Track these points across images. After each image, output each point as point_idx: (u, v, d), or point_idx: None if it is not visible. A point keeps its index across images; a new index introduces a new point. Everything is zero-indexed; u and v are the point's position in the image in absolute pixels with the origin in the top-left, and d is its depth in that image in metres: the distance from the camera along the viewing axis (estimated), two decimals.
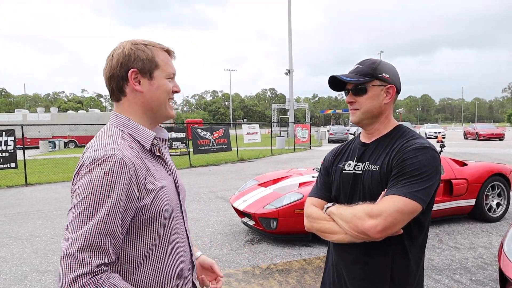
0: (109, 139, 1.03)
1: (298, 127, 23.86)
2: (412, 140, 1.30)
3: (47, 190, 9.63)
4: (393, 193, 1.19)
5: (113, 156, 0.96)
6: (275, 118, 51.72)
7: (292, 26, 32.72)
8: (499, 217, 5.76)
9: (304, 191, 4.79)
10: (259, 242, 4.96)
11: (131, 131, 1.10)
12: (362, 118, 1.38)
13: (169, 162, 1.21)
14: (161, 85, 1.12)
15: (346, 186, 1.39)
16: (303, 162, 14.81)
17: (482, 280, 3.65)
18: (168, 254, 1.10)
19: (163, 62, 1.13)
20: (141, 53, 1.09)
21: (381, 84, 1.35)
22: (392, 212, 1.16)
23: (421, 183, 1.20)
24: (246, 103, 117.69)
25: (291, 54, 32.73)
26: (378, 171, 1.31)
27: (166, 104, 1.15)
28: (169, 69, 1.14)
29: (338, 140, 28.92)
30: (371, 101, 1.35)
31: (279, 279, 3.76)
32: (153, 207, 1.04)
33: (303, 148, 22.75)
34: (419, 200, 1.18)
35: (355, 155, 1.43)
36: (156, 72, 1.11)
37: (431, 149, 1.26)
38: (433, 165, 1.23)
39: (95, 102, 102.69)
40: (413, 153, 1.24)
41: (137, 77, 1.09)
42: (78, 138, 28.96)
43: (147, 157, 1.09)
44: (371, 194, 1.30)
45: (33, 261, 4.44)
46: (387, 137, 1.38)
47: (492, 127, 31.46)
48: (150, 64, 1.10)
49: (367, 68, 1.35)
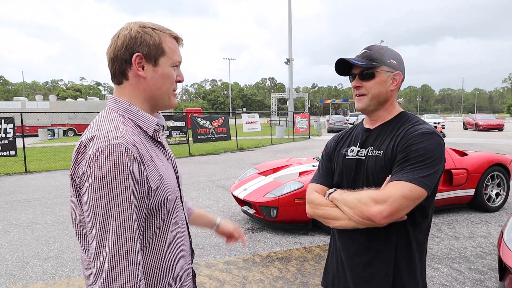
0: (110, 125, 0.98)
1: (298, 116, 23.81)
2: (417, 126, 1.29)
3: (46, 178, 9.64)
4: (399, 179, 1.19)
5: (118, 145, 0.91)
6: (274, 108, 51.57)
7: (292, 15, 32.42)
8: (498, 207, 5.79)
9: (305, 180, 4.80)
10: (259, 230, 4.99)
11: (132, 116, 1.06)
12: (369, 104, 1.36)
13: (168, 149, 1.19)
14: (165, 73, 1.08)
15: (349, 172, 1.39)
16: (302, 151, 14.82)
17: (481, 269, 3.68)
18: (168, 242, 1.08)
19: (170, 49, 1.08)
20: (148, 37, 1.04)
21: (388, 70, 1.33)
22: (398, 197, 1.16)
23: (427, 169, 1.19)
24: (245, 92, 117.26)
25: (291, 43, 32.48)
26: (382, 156, 1.30)
27: (170, 93, 1.11)
28: (176, 57, 1.10)
29: (338, 130, 28.89)
30: (379, 86, 1.33)
31: (279, 267, 3.79)
32: (158, 196, 1.01)
33: (303, 137, 22.74)
34: (424, 186, 1.18)
35: (358, 140, 1.42)
36: (162, 59, 1.07)
37: (436, 135, 1.25)
38: (438, 151, 1.22)
39: (94, 90, 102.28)
40: (418, 138, 1.23)
41: (141, 62, 1.04)
42: (77, 126, 28.93)
43: (149, 143, 1.06)
44: (374, 179, 1.29)
45: (35, 248, 4.46)
46: (391, 122, 1.37)
47: (492, 117, 31.40)
48: (156, 50, 1.05)
49: (375, 53, 1.34)
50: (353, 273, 1.35)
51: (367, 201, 1.20)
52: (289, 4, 32.09)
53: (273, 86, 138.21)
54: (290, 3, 32.08)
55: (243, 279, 3.50)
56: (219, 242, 4.55)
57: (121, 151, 0.91)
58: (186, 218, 1.22)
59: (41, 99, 33.24)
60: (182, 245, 1.14)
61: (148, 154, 1.01)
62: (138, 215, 0.95)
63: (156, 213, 1.03)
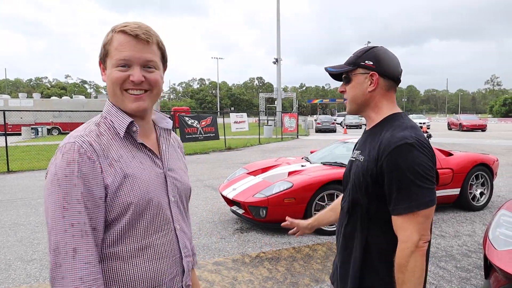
0: (83, 125, 1.04)
1: (286, 116, 23.86)
2: (397, 134, 1.21)
3: (30, 178, 9.43)
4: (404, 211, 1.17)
5: (73, 143, 0.95)
6: (262, 107, 51.63)
7: (280, 15, 32.50)
8: (482, 206, 5.90)
9: (294, 180, 4.80)
10: (248, 230, 4.97)
11: (112, 118, 1.05)
12: (350, 108, 1.41)
13: (164, 154, 1.12)
14: (108, 74, 1.02)
15: (347, 173, 1.45)
16: (290, 151, 14.86)
17: (466, 267, 3.74)
18: (138, 253, 1.00)
19: (114, 47, 1.01)
20: (104, 39, 1.03)
21: (364, 72, 1.34)
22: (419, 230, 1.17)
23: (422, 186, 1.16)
24: (233, 92, 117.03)
25: (279, 43, 32.56)
26: (362, 162, 1.31)
27: (118, 95, 1.03)
28: (118, 56, 1.00)
29: (325, 130, 29.08)
30: (354, 89, 1.36)
31: (269, 267, 3.78)
32: (119, 199, 0.96)
33: (291, 137, 22.80)
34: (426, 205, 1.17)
35: (358, 142, 1.47)
36: (108, 61, 1.03)
37: (417, 145, 1.17)
38: (423, 161, 1.16)
39: (79, 89, 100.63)
40: (402, 154, 1.16)
41: (102, 66, 1.06)
42: (62, 124, 28.39)
43: (123, 144, 1.02)
44: (352, 183, 1.33)
45: (18, 250, 4.35)
46: (378, 126, 1.35)
47: (475, 118, 32.07)
48: (104, 53, 1.03)
49: (352, 57, 1.37)
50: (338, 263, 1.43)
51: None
52: (277, 3, 32.14)
53: (261, 85, 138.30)
54: (278, 3, 32.13)
55: (233, 280, 3.48)
56: (208, 242, 4.52)
57: (74, 149, 0.93)
58: (178, 230, 1.12)
59: (25, 97, 32.49)
60: (162, 259, 1.05)
61: (114, 154, 0.99)
62: (95, 214, 0.94)
63: (121, 217, 0.97)
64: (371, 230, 1.28)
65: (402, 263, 1.16)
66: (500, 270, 2.31)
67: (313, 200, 4.66)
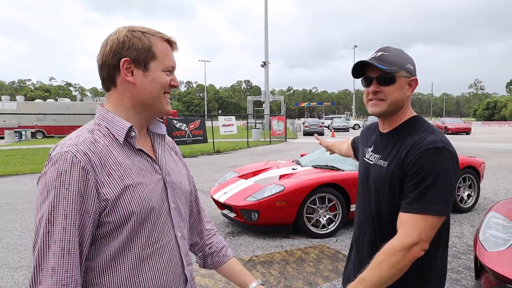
0: (75, 133, 0.99)
1: (274, 119, 23.95)
2: (425, 137, 1.22)
3: (14, 182, 9.22)
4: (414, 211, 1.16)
5: (66, 153, 0.89)
6: (250, 110, 51.66)
7: (268, 18, 32.65)
8: (469, 208, 6.01)
9: (285, 183, 4.81)
10: (239, 234, 4.95)
11: (107, 124, 1.01)
12: (387, 110, 1.31)
13: (160, 159, 1.10)
14: (156, 77, 1.02)
15: (363, 176, 1.43)
16: (279, 154, 14.90)
17: (456, 268, 3.80)
18: (140, 263, 0.98)
19: (162, 53, 1.02)
20: (137, 41, 0.99)
21: (406, 75, 1.29)
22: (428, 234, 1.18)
23: (442, 193, 1.15)
24: (221, 95, 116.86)
25: (267, 46, 32.69)
26: (385, 168, 1.29)
27: (161, 98, 1.04)
28: (167, 62, 1.04)
29: (313, 133, 29.15)
30: (398, 92, 1.28)
31: (262, 270, 3.77)
32: (119, 209, 0.93)
33: (279, 140, 22.86)
34: (437, 213, 1.15)
35: (372, 143, 1.44)
36: (153, 63, 1.01)
37: (447, 151, 1.18)
38: (447, 169, 1.16)
39: (64, 91, 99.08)
40: (427, 157, 1.16)
41: (130, 67, 0.99)
42: (46, 128, 27.87)
43: (121, 151, 0.99)
44: (375, 189, 1.31)
45: (4, 257, 4.24)
46: (400, 129, 1.33)
47: (460, 121, 32.76)
48: (146, 54, 1.00)
49: (395, 57, 1.28)
50: None
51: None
52: (265, 7, 32.30)
53: (249, 88, 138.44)
54: (266, 7, 32.29)
55: (226, 284, 3.46)
56: None
57: (67, 159, 0.89)
58: (179, 237, 1.09)
59: (8, 100, 31.79)
60: (164, 268, 1.03)
61: (112, 162, 0.95)
62: (83, 229, 0.89)
63: (121, 228, 0.94)
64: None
65: (388, 252, 1.16)
66: (490, 271, 2.36)
67: (305, 203, 4.68)
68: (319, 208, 4.81)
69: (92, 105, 28.95)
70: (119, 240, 0.95)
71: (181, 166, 1.24)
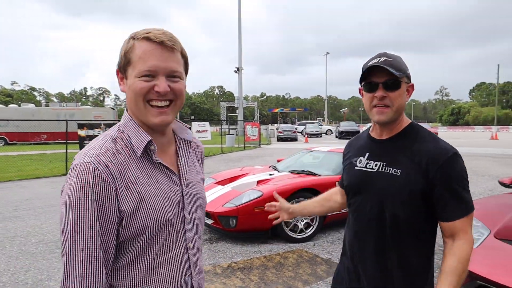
0: (98, 141, 0.98)
1: (248, 125, 24.03)
2: (438, 145, 1.28)
3: None
4: (463, 214, 1.26)
5: (88, 164, 0.90)
6: (224, 116, 51.56)
7: (242, 24, 32.85)
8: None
9: (263, 189, 4.84)
10: (217, 240, 4.93)
11: (130, 133, 1.00)
12: (393, 117, 1.30)
13: (182, 169, 1.08)
14: (130, 85, 0.96)
15: (362, 184, 1.39)
16: (254, 160, 14.94)
17: None
18: (148, 274, 0.99)
19: (137, 56, 0.95)
20: (123, 47, 0.98)
21: (407, 81, 1.31)
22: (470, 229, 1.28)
23: (468, 193, 1.28)
24: (193, 100, 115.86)
25: (241, 52, 32.84)
26: (400, 176, 1.28)
27: (141, 108, 0.97)
28: (141, 66, 0.94)
29: (287, 138, 29.57)
30: (402, 98, 1.30)
31: (242, 277, 3.77)
32: (135, 222, 0.94)
33: (253, 146, 22.93)
34: (473, 208, 1.28)
35: (366, 151, 1.42)
36: (129, 69, 0.97)
37: (459, 155, 1.28)
38: (465, 168, 1.29)
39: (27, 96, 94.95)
40: (452, 164, 1.25)
41: (120, 76, 1.01)
42: (8, 135, 26.54)
43: (140, 163, 0.98)
44: (387, 197, 1.31)
45: None
46: (402, 135, 1.34)
47: (427, 126, 34.14)
48: (124, 61, 0.97)
49: (398, 63, 1.28)
50: None
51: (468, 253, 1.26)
52: (239, 13, 32.50)
53: (222, 94, 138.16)
54: (240, 13, 32.50)
55: None
56: None
57: (89, 170, 0.89)
58: (190, 248, 1.09)
59: None
60: (171, 278, 1.03)
61: (131, 175, 0.95)
62: (107, 237, 0.91)
63: (135, 239, 0.96)
64: (408, 245, 1.31)
65: (466, 258, 1.25)
66: None
67: None
68: None
69: (59, 111, 27.95)
70: (132, 250, 0.97)
71: (201, 174, 1.22)
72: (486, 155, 15.63)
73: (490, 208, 3.20)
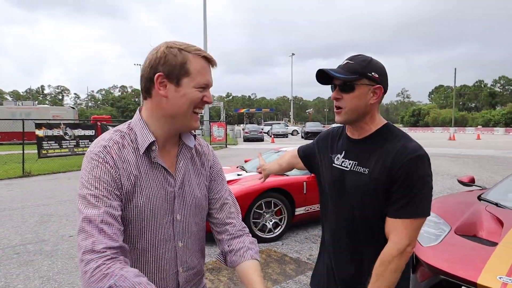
0: (109, 134, 1.10)
1: (214, 125, 23.87)
2: (405, 145, 1.28)
3: None
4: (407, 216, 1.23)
5: (98, 152, 1.04)
6: None
7: (208, 23, 32.57)
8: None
9: (231, 189, 4.80)
10: None
11: (137, 131, 1.11)
12: (347, 118, 1.34)
13: (179, 172, 1.15)
14: (187, 93, 1.08)
15: (337, 182, 1.41)
16: (221, 160, 14.72)
17: None
18: (134, 265, 1.07)
19: (196, 70, 1.08)
20: (172, 57, 1.07)
21: (369, 83, 1.31)
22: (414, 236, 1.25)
23: (426, 196, 1.25)
24: None
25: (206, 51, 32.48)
26: (367, 175, 1.30)
27: (188, 114, 1.11)
28: (200, 79, 1.09)
29: (253, 139, 29.64)
30: (357, 100, 1.31)
31: (211, 278, 3.73)
32: (124, 213, 1.04)
33: (220, 146, 22.81)
34: (427, 214, 1.25)
35: (343, 149, 1.43)
36: (185, 79, 1.07)
37: (426, 157, 1.26)
38: (430, 174, 1.26)
39: None
40: (413, 165, 1.23)
41: (163, 81, 1.07)
42: None
43: (141, 160, 1.09)
44: (357, 197, 1.33)
45: None
46: (375, 136, 1.36)
47: None
48: (180, 70, 1.07)
49: (357, 65, 1.30)
50: None
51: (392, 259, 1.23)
52: (204, 13, 32.19)
53: None
54: (205, 11, 32.19)
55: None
56: None
57: (99, 156, 1.03)
58: (177, 248, 1.15)
59: None
60: (156, 276, 1.11)
61: (132, 169, 1.06)
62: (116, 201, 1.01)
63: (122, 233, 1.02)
64: (379, 242, 1.31)
65: (387, 260, 1.23)
66: (425, 264, 2.58)
67: (251, 208, 4.73)
68: (265, 213, 4.88)
69: (14, 110, 26.42)
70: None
71: (204, 177, 1.25)
72: (445, 155, 16.33)
73: (450, 205, 3.37)
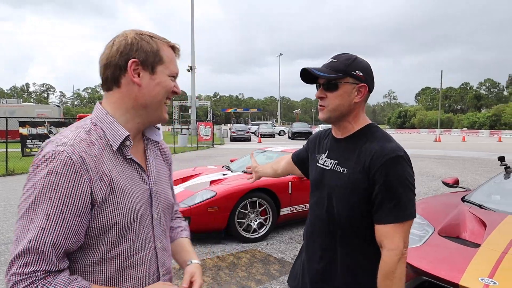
0: (71, 131, 0.97)
1: (201, 125, 23.74)
2: (383, 146, 1.26)
3: None
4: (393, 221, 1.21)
5: (61, 153, 0.89)
6: (176, 116, 50.52)
7: (195, 22, 32.40)
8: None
9: (217, 189, 4.77)
10: None
11: (104, 127, 1.00)
12: (330, 116, 1.34)
13: (151, 168, 1.09)
14: (162, 81, 1.03)
15: (318, 181, 1.41)
16: (207, 160, 14.77)
17: None
18: (117, 275, 0.98)
19: (168, 58, 1.05)
20: (145, 44, 1.01)
21: (353, 82, 1.29)
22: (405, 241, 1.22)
23: (410, 197, 1.23)
24: None
25: (194, 50, 32.35)
26: (346, 175, 1.29)
27: (162, 104, 1.06)
28: (173, 67, 1.06)
29: (240, 138, 29.58)
30: (341, 99, 1.30)
31: None
32: (103, 216, 0.94)
33: (206, 146, 22.69)
34: (413, 215, 1.23)
35: (327, 149, 1.43)
36: (160, 67, 1.03)
37: (404, 158, 1.24)
38: (411, 175, 1.25)
39: None
40: (392, 167, 1.21)
41: (137, 68, 1.00)
42: None
43: (113, 157, 0.99)
44: (336, 196, 1.32)
45: None
46: (356, 136, 1.34)
47: None
48: (154, 57, 1.02)
49: (341, 64, 1.29)
50: None
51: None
52: (191, 11, 31.99)
53: None
54: (192, 9, 31.99)
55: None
56: None
57: (62, 159, 0.88)
58: (158, 248, 1.09)
59: None
60: (140, 278, 1.04)
61: (105, 168, 0.95)
62: (75, 229, 0.89)
63: (103, 234, 0.95)
64: (355, 244, 1.31)
65: (391, 270, 1.19)
66: (408, 265, 2.59)
67: (236, 208, 4.69)
68: (250, 213, 4.85)
69: None
70: (101, 247, 0.95)
71: (168, 176, 1.23)
72: (430, 157, 16.53)
73: (435, 207, 3.40)
